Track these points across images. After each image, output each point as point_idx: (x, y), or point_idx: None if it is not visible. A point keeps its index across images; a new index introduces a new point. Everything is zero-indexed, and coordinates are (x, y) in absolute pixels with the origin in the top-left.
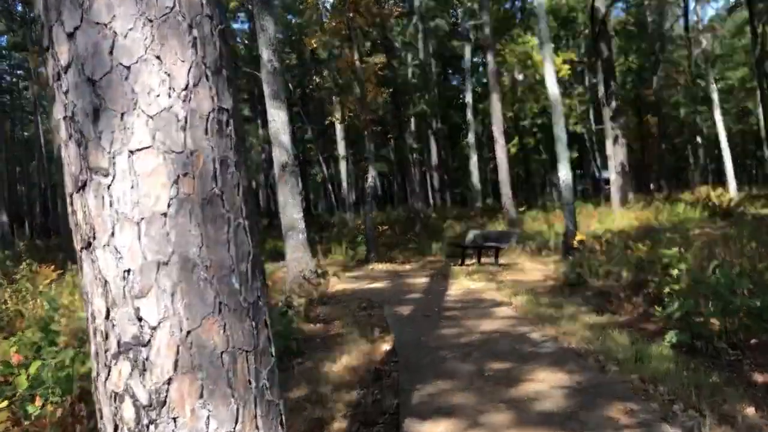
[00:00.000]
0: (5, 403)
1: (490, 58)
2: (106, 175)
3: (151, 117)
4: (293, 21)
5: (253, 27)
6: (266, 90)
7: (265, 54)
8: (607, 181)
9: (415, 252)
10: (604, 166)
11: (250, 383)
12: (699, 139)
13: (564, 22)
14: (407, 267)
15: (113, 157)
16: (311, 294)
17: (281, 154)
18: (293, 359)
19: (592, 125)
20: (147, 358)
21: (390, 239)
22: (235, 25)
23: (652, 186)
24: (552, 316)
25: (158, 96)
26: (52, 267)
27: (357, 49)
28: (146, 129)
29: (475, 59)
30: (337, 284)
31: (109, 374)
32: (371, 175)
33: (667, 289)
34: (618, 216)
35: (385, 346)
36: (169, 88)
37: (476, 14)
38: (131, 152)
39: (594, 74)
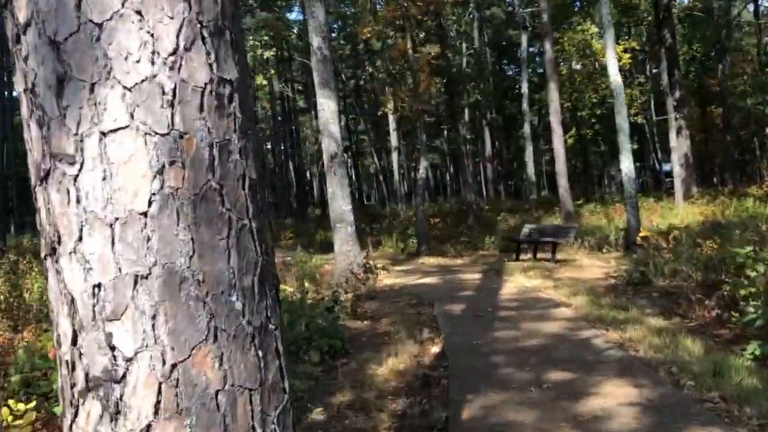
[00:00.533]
0: (33, 403)
1: (547, 46)
2: (72, 163)
3: (129, 89)
4: (347, 12)
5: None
6: (316, 78)
7: (315, 41)
8: (668, 174)
9: (468, 246)
10: (665, 159)
11: (254, 430)
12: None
13: (625, 9)
14: (459, 261)
15: (81, 140)
16: (359, 288)
17: (330, 144)
18: (338, 359)
19: (653, 116)
20: (120, 398)
21: (442, 232)
22: (290, 15)
23: (715, 179)
24: (615, 318)
25: (138, 62)
26: None
27: (410, 38)
28: (122, 104)
29: (531, 49)
30: (386, 278)
31: (75, 416)
32: (423, 166)
33: (743, 292)
34: (681, 211)
35: (435, 349)
36: (153, 53)
37: (534, 1)
38: (103, 134)
39: (656, 63)
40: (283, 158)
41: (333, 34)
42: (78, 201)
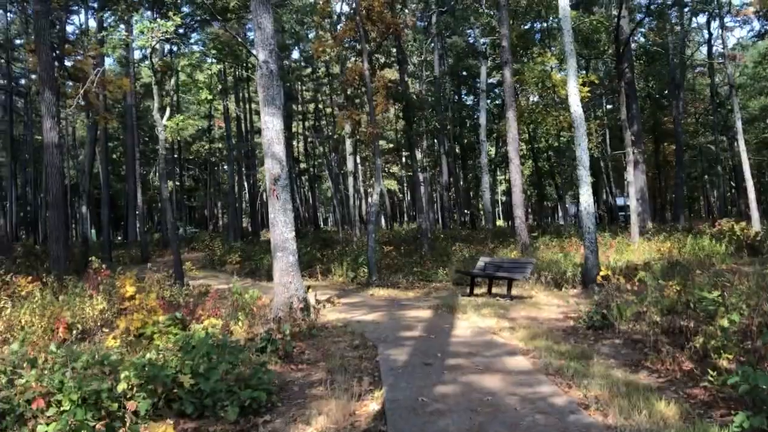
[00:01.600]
0: None
1: (507, 74)
2: None
3: None
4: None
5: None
6: (260, 94)
7: (261, 54)
8: (621, 208)
9: (420, 277)
10: (619, 193)
11: None
12: (719, 169)
13: (586, 42)
14: (411, 294)
15: None
16: (299, 325)
17: (274, 165)
18: (261, 415)
19: (608, 150)
20: None
21: (394, 261)
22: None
23: (668, 215)
24: (577, 371)
25: None
26: (30, 278)
27: (367, 61)
28: None
29: (490, 80)
30: (330, 313)
31: None
32: (376, 192)
33: (714, 344)
34: (638, 247)
35: (374, 406)
36: None
37: (494, 31)
38: None
39: (613, 99)
40: (236, 179)
41: (294, 56)
42: None
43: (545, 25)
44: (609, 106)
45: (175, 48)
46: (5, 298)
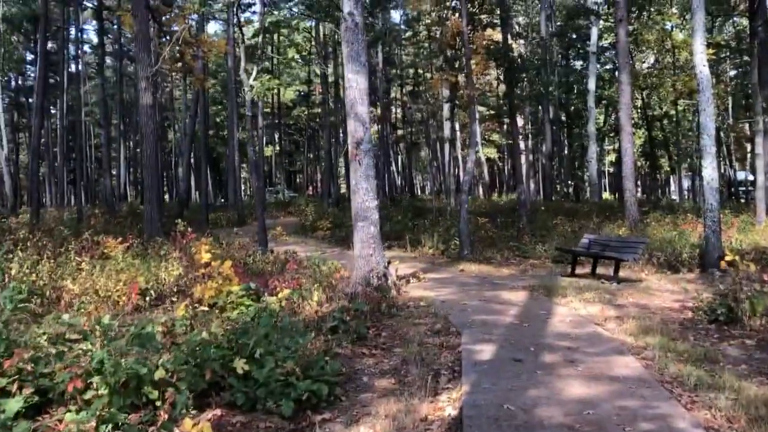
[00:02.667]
0: None
1: (621, 32)
2: None
3: None
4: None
5: None
6: (344, 50)
7: (346, 5)
8: (742, 183)
9: (517, 252)
10: (739, 167)
11: None
12: None
13: None
14: (505, 272)
15: None
16: (378, 302)
17: (357, 128)
18: (319, 412)
19: (730, 119)
20: None
21: (489, 234)
22: None
23: None
24: (701, 380)
25: None
26: (119, 240)
27: (465, 15)
28: None
29: (601, 43)
30: (414, 289)
31: None
32: (471, 159)
33: None
34: (765, 228)
35: (450, 410)
36: None
37: None
38: None
39: (741, 62)
40: (333, 143)
41: (395, 18)
42: None
43: None
44: (733, 72)
45: (259, 7)
46: (87, 260)
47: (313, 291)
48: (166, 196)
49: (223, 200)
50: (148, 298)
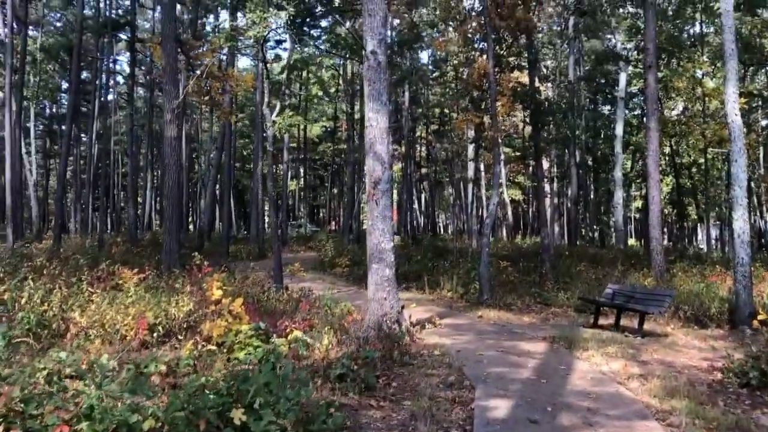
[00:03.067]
0: None
1: (650, 79)
2: None
3: None
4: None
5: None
6: (366, 88)
7: (369, 44)
8: None
9: (538, 299)
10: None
11: None
12: None
13: (746, 47)
14: (525, 320)
15: None
16: (390, 349)
17: (375, 167)
18: None
19: (761, 169)
20: None
21: (510, 278)
22: None
23: None
24: None
25: None
26: (135, 271)
27: (491, 57)
28: None
29: (630, 89)
30: (430, 336)
31: None
32: (494, 201)
33: None
34: None
35: None
36: None
37: (639, 32)
38: None
39: None
40: (356, 180)
41: (423, 58)
42: None
43: (695, 30)
44: (765, 122)
45: (289, 44)
46: (99, 291)
47: (323, 334)
48: (191, 226)
49: (245, 232)
50: (155, 334)
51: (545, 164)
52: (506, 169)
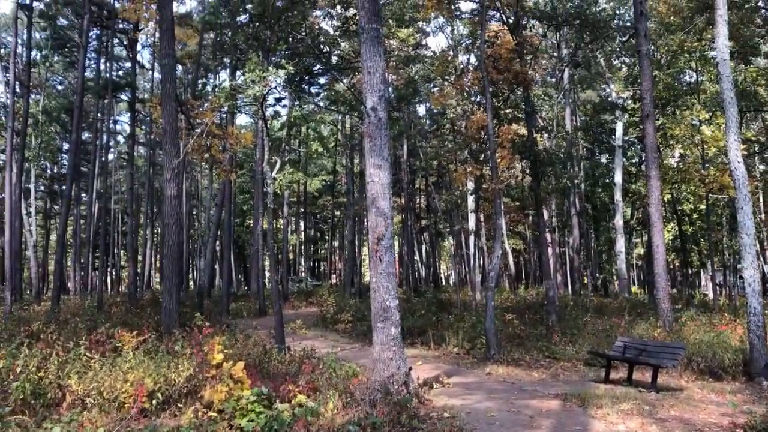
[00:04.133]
0: None
1: (649, 129)
2: None
3: None
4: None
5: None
6: (366, 145)
7: (369, 100)
8: None
9: (546, 353)
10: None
11: None
12: None
13: (742, 94)
14: (534, 375)
15: None
16: (398, 413)
17: (378, 222)
18: None
19: (762, 214)
20: None
21: (517, 332)
22: None
23: None
24: None
25: None
26: (134, 333)
27: (490, 110)
28: None
29: (626, 137)
30: (438, 397)
31: None
32: (497, 254)
33: None
34: None
35: None
36: None
37: (634, 82)
38: None
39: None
40: (356, 233)
41: (420, 111)
42: None
43: (691, 78)
44: (762, 167)
45: (288, 101)
46: (97, 357)
47: (327, 398)
48: (191, 283)
49: (246, 288)
50: (155, 401)
51: (546, 214)
52: (506, 218)
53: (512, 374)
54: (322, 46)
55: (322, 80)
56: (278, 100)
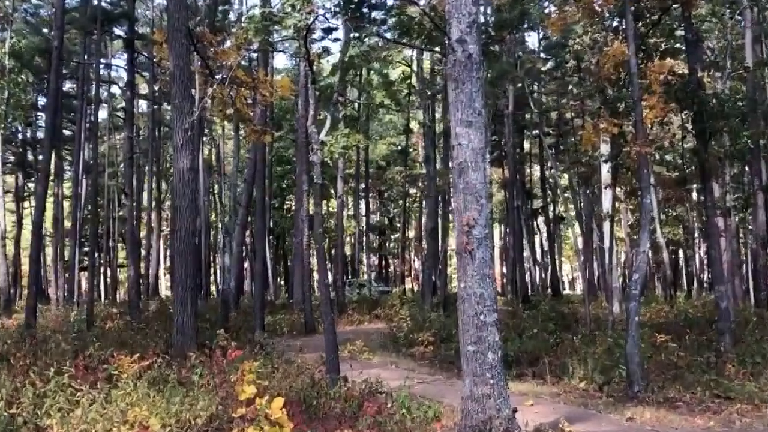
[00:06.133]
0: None
1: None
2: None
3: None
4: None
5: None
6: (451, 93)
7: (455, 30)
8: None
9: (716, 390)
10: None
11: None
12: None
13: None
14: (698, 422)
15: None
16: None
17: (468, 203)
18: None
19: None
20: None
21: (672, 359)
22: None
23: None
24: None
25: None
26: (137, 356)
27: (632, 38)
28: None
29: None
30: None
31: None
32: (642, 249)
33: None
34: None
35: None
36: None
37: None
38: None
39: None
40: (439, 219)
41: (530, 43)
42: None
43: None
44: None
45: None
46: (86, 389)
47: None
48: (212, 288)
49: (287, 295)
50: None
51: (717, 190)
52: (658, 196)
53: (664, 420)
54: None
55: (389, 1)
56: (328, 32)
